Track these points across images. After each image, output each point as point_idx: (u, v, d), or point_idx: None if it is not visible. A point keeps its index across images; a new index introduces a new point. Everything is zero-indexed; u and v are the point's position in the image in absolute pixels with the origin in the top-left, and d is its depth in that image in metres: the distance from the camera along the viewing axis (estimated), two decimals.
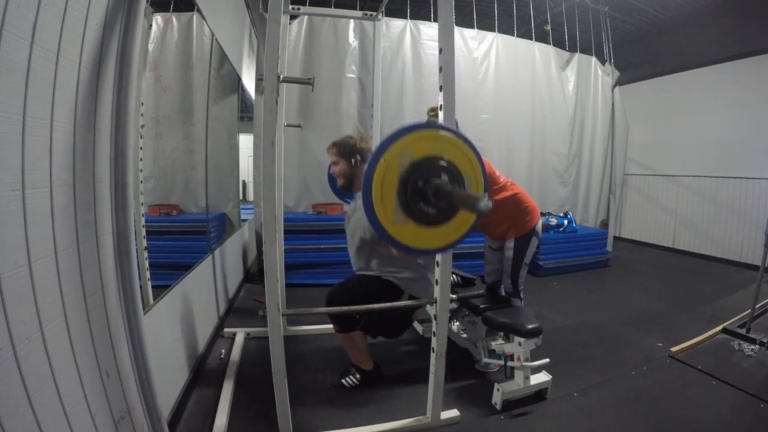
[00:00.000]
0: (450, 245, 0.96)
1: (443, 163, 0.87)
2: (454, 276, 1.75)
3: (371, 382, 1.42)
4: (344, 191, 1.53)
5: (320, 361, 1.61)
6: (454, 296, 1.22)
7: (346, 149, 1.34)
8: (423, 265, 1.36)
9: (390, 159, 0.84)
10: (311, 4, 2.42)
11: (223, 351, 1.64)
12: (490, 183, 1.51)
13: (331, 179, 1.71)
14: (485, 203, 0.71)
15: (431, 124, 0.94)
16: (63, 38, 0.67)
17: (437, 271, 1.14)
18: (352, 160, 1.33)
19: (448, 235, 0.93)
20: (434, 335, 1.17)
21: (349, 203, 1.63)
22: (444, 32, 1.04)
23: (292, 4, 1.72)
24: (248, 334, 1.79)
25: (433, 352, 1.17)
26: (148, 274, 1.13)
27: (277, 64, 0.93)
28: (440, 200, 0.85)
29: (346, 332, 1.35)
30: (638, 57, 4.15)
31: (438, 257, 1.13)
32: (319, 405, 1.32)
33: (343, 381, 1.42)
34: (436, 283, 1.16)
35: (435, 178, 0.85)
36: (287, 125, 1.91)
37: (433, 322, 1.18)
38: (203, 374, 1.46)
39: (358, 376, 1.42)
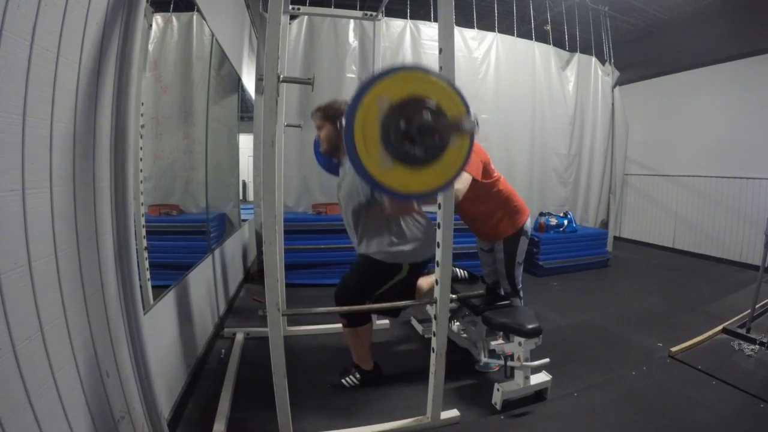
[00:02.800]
0: (443, 186, 0.94)
1: (424, 102, 0.85)
2: (461, 271, 1.74)
3: (371, 382, 1.42)
4: (330, 159, 1.49)
5: (320, 361, 1.61)
6: (454, 296, 1.22)
7: (330, 112, 1.30)
8: (421, 226, 1.32)
9: (368, 104, 0.82)
10: (311, 4, 2.42)
11: (223, 351, 1.64)
12: (485, 174, 1.50)
13: (318, 153, 1.66)
14: (468, 121, 0.71)
15: (408, 66, 0.91)
16: (63, 38, 0.67)
17: (437, 271, 1.14)
18: (338, 123, 1.28)
19: (440, 176, 0.91)
20: (434, 335, 1.17)
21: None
22: (444, 32, 1.04)
23: (292, 4, 1.72)
24: (248, 334, 1.79)
25: (433, 352, 1.17)
26: (148, 274, 1.13)
27: (277, 64, 0.93)
28: (426, 137, 0.84)
29: (354, 327, 1.35)
30: (638, 57, 4.15)
31: (438, 256, 1.13)
32: (319, 405, 1.32)
33: (343, 381, 1.41)
34: (437, 283, 1.16)
35: (417, 116, 0.83)
36: (287, 125, 1.91)
37: (433, 322, 1.18)
38: (203, 374, 1.46)
39: (358, 375, 1.41)
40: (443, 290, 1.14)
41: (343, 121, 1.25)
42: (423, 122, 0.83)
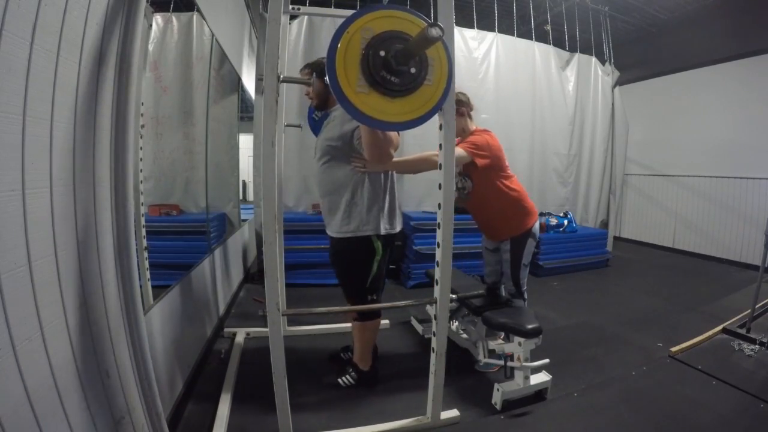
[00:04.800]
0: (417, 119, 0.97)
1: (404, 36, 0.92)
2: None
3: (367, 383, 1.41)
4: (318, 115, 1.52)
5: (320, 361, 1.61)
6: (454, 296, 1.22)
7: (319, 68, 1.33)
8: (388, 198, 1.31)
9: (353, 32, 0.89)
10: (311, 4, 2.42)
11: (223, 351, 1.64)
12: (499, 168, 1.51)
13: (312, 117, 1.71)
14: (434, 29, 0.77)
15: (396, 6, 0.97)
16: (63, 38, 0.67)
17: (437, 270, 1.14)
18: (326, 79, 1.31)
19: (415, 109, 0.96)
20: (434, 335, 1.17)
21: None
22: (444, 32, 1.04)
23: (292, 4, 1.72)
24: (248, 334, 1.79)
25: (433, 352, 1.17)
26: (148, 274, 1.13)
27: (277, 64, 0.93)
28: (401, 63, 0.89)
29: (362, 321, 1.36)
30: (638, 57, 4.15)
31: (438, 256, 1.13)
32: (319, 405, 1.32)
33: (340, 380, 1.42)
34: (436, 283, 1.16)
35: (396, 46, 0.89)
36: (287, 125, 1.91)
37: (433, 322, 1.18)
38: (203, 374, 1.46)
39: (354, 375, 1.41)
40: (443, 290, 1.14)
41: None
42: (399, 49, 0.89)
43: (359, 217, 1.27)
